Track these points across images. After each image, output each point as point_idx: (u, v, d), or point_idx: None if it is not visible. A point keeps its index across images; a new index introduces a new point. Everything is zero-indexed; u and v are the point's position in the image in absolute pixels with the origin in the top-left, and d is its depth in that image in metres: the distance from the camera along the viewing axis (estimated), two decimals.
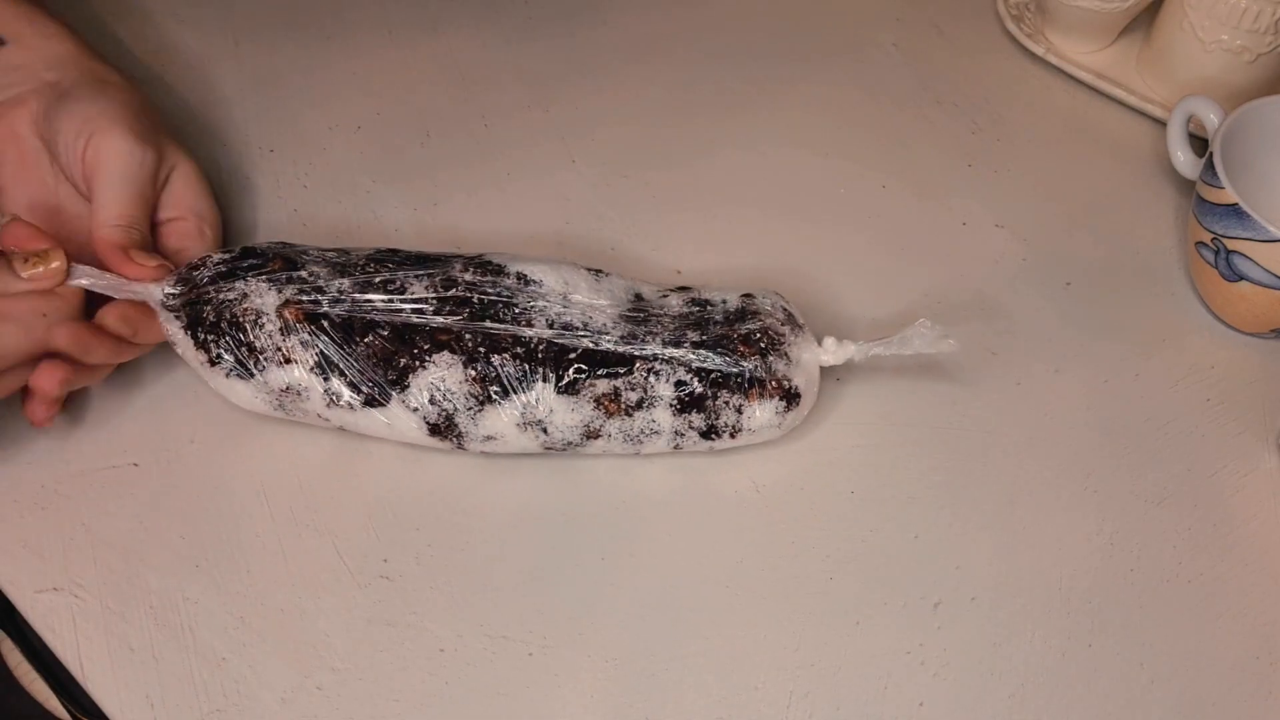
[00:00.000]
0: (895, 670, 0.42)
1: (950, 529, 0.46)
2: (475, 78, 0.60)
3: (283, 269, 0.43)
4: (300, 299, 0.42)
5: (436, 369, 0.41)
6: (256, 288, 0.42)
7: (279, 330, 0.42)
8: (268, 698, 0.40)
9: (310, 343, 0.42)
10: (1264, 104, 0.52)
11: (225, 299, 0.42)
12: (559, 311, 0.43)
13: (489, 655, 0.41)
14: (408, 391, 0.42)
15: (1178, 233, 0.57)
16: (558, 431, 0.43)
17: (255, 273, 0.43)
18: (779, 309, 0.45)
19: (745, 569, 0.44)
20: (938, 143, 0.60)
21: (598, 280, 0.44)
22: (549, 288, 0.43)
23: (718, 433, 0.44)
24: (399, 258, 0.44)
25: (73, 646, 0.40)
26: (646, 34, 0.63)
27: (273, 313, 0.42)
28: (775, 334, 0.44)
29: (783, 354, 0.43)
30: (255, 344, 0.42)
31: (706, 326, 0.43)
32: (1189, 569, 0.46)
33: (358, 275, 0.43)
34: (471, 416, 0.42)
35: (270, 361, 0.42)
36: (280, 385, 0.42)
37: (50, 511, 0.43)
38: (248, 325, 0.42)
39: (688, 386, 0.42)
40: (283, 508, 0.44)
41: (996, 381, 0.50)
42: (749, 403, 0.43)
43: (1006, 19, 0.65)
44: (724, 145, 0.58)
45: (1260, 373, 0.52)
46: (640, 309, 0.44)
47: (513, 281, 0.43)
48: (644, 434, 0.43)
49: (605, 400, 0.42)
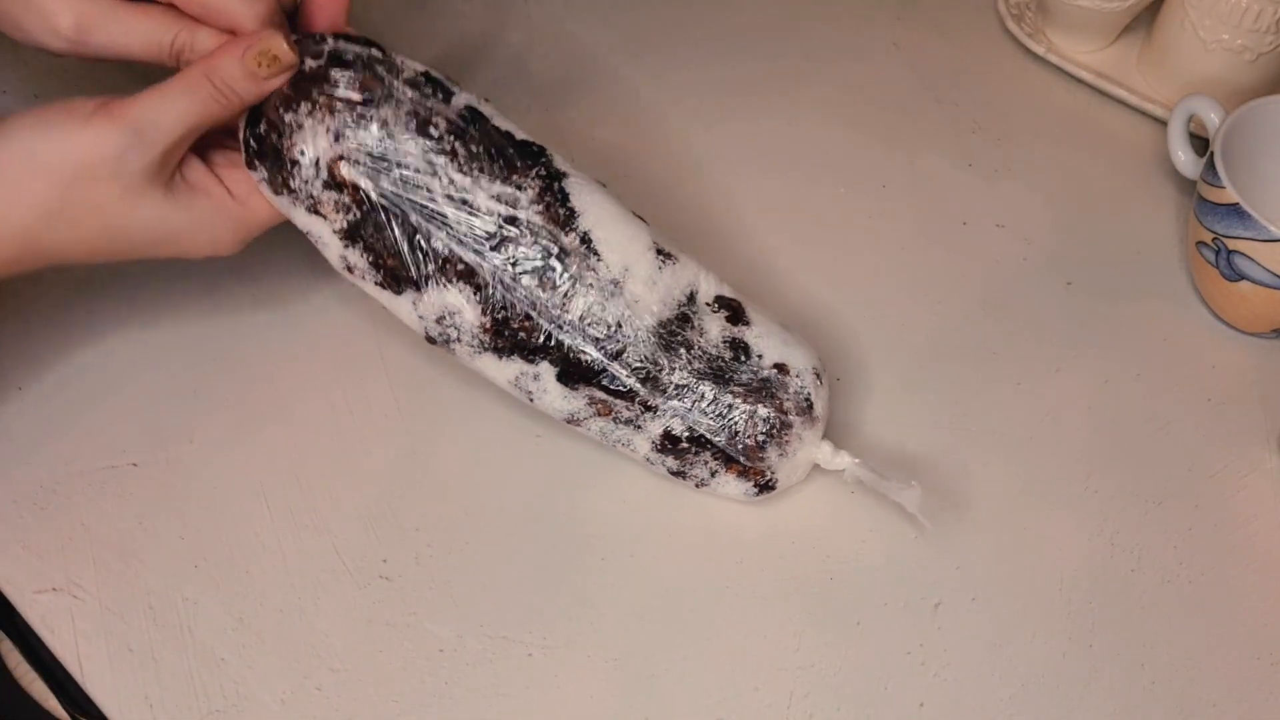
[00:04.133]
0: (895, 671, 0.42)
1: (950, 529, 0.46)
2: (475, 77, 0.60)
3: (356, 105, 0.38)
4: (356, 160, 0.38)
5: (455, 296, 0.39)
6: (315, 127, 0.38)
7: (321, 182, 0.39)
8: (267, 698, 0.40)
9: (346, 207, 0.39)
10: (1265, 103, 0.52)
11: (279, 121, 0.39)
12: (600, 301, 0.40)
13: (489, 655, 0.41)
14: (421, 298, 0.40)
15: (1178, 233, 0.57)
16: (543, 406, 0.42)
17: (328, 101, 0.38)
18: (804, 396, 0.43)
19: (745, 569, 0.44)
20: (938, 143, 0.60)
21: (659, 269, 0.41)
22: (606, 266, 0.40)
23: (685, 478, 0.44)
24: (485, 133, 0.40)
25: (71, 647, 0.40)
26: (646, 34, 0.63)
27: (323, 162, 0.38)
28: (785, 427, 0.42)
29: (782, 446, 0.43)
30: (291, 183, 0.39)
31: (725, 384, 0.42)
32: (1189, 569, 0.46)
33: (430, 145, 0.39)
34: (470, 353, 0.41)
35: (299, 203, 0.39)
36: (302, 227, 0.40)
37: (50, 511, 0.43)
38: (289, 161, 0.39)
39: (674, 437, 0.42)
40: (282, 508, 0.44)
41: (996, 381, 0.50)
42: (725, 473, 0.43)
43: (1007, 18, 0.65)
44: (724, 144, 0.58)
45: (1260, 373, 0.52)
46: (681, 321, 0.42)
47: (574, 242, 0.40)
48: (619, 444, 0.43)
49: (599, 404, 0.42)
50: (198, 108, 0.38)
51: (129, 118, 0.37)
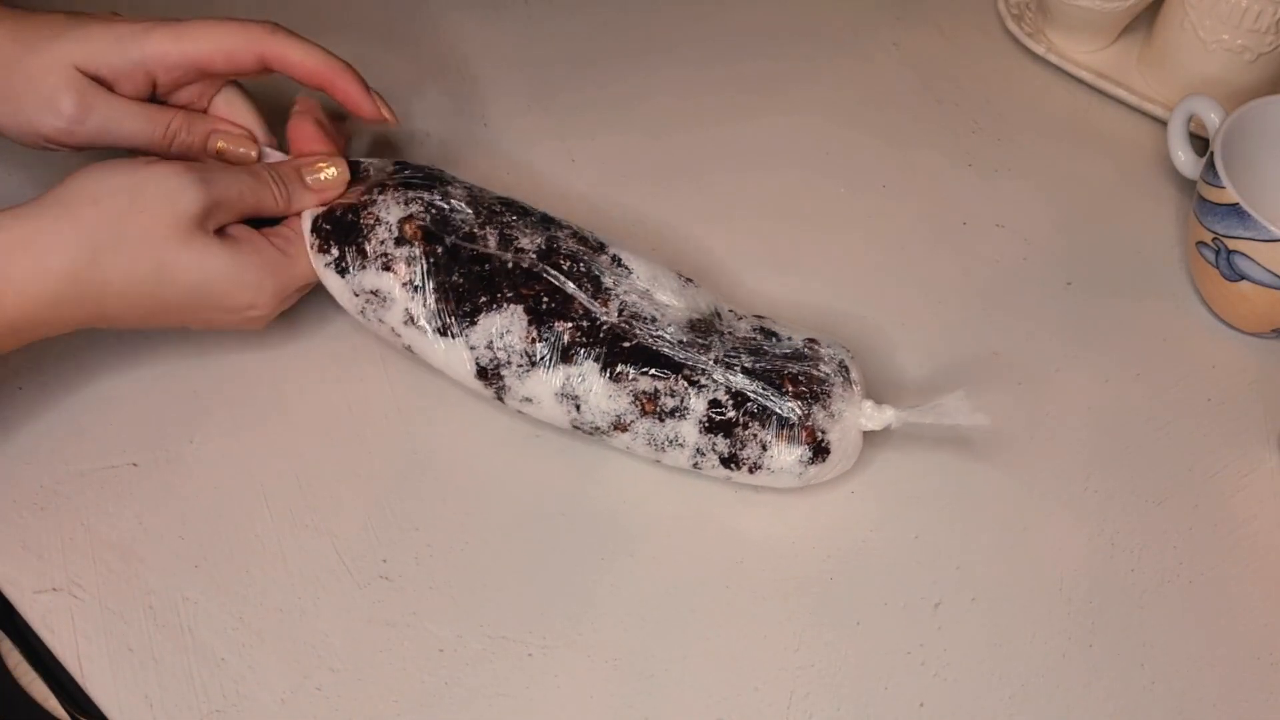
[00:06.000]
0: (896, 670, 0.42)
1: (950, 529, 0.46)
2: (475, 76, 0.60)
3: (424, 186, 0.45)
4: (424, 217, 0.44)
5: (506, 317, 0.42)
6: (387, 201, 0.44)
7: (393, 240, 0.43)
8: (267, 698, 0.40)
9: (415, 259, 0.43)
10: (1265, 103, 0.52)
11: (354, 201, 0.44)
12: (634, 300, 0.44)
13: (489, 655, 0.41)
14: (473, 330, 0.43)
15: (1178, 233, 0.57)
16: (590, 413, 0.43)
17: (400, 185, 0.45)
18: (836, 361, 0.44)
19: (745, 569, 0.44)
20: (938, 143, 0.60)
21: (683, 286, 0.45)
22: (636, 276, 0.44)
23: (738, 463, 0.43)
24: (523, 209, 0.46)
25: (72, 647, 0.40)
26: (646, 34, 0.63)
27: (395, 222, 0.43)
28: (824, 383, 0.43)
29: (826, 406, 0.43)
30: (365, 248, 0.43)
31: (762, 355, 0.43)
32: (1189, 569, 0.46)
33: (482, 212, 0.45)
34: (518, 374, 0.43)
35: (371, 265, 0.43)
36: (370, 288, 0.43)
37: (50, 511, 0.43)
38: (365, 228, 0.44)
39: (721, 407, 0.42)
40: (282, 508, 0.44)
41: (996, 381, 0.50)
42: (776, 442, 0.42)
43: (1007, 18, 0.65)
44: (724, 144, 0.58)
45: (1260, 373, 0.52)
46: (705, 321, 0.44)
47: (607, 260, 0.45)
48: (668, 442, 0.43)
49: (643, 398, 0.42)
50: (256, 189, 0.43)
51: (194, 167, 0.41)
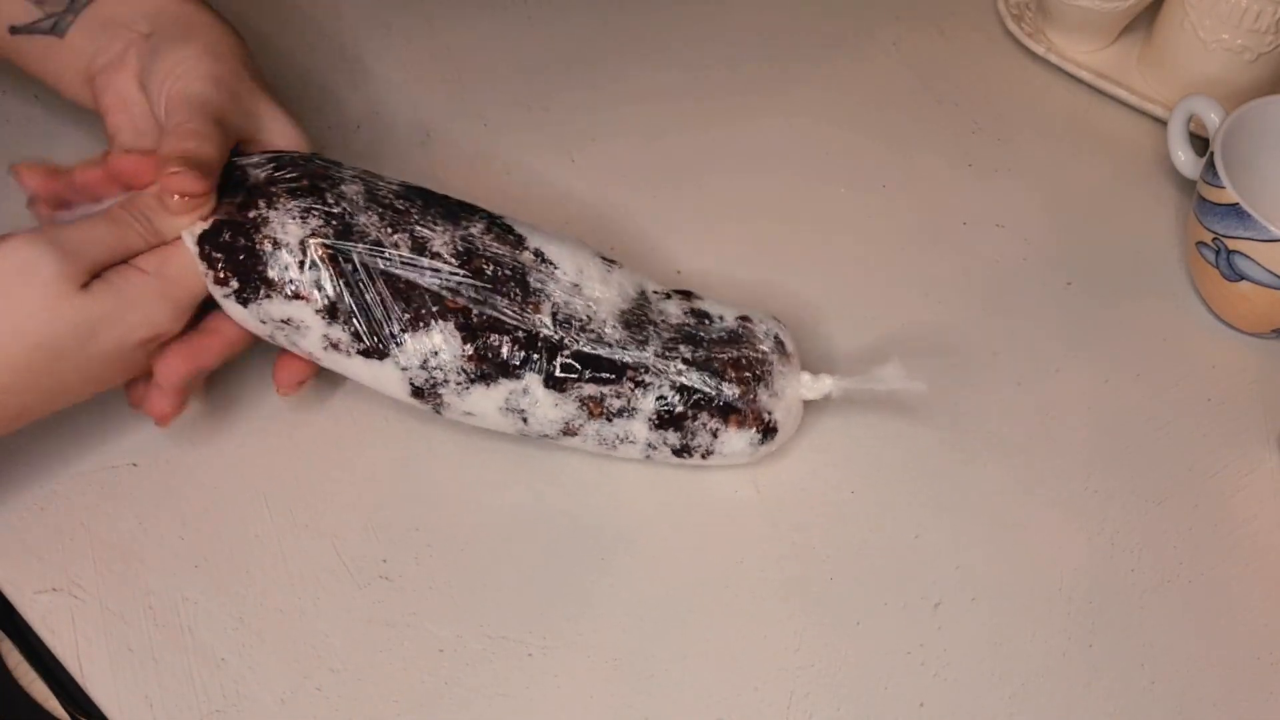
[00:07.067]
0: (896, 670, 0.42)
1: (950, 529, 0.46)
2: (475, 76, 0.60)
3: (310, 191, 0.41)
4: (327, 233, 0.40)
5: (436, 336, 0.41)
6: (280, 217, 0.40)
7: (297, 264, 0.40)
8: (267, 698, 0.40)
9: (325, 283, 0.40)
10: (1265, 103, 0.52)
11: (244, 219, 0.40)
12: (565, 300, 0.42)
13: (489, 655, 0.41)
14: (402, 349, 0.41)
15: (1178, 233, 0.57)
16: (537, 424, 0.42)
17: (285, 193, 0.41)
18: (772, 336, 0.45)
19: (745, 569, 0.44)
20: (938, 142, 0.60)
21: (609, 271, 0.44)
22: (563, 272, 0.43)
23: (690, 452, 0.44)
24: (426, 198, 0.43)
25: (72, 647, 0.40)
26: (645, 33, 0.63)
27: (295, 244, 0.40)
28: (764, 363, 0.43)
29: (768, 385, 0.43)
30: (269, 275, 0.40)
31: (700, 343, 0.43)
32: (1189, 569, 0.46)
33: (385, 213, 0.42)
34: (457, 391, 0.42)
35: (278, 294, 0.40)
36: (280, 317, 0.41)
37: (50, 512, 0.43)
38: (263, 254, 0.40)
39: (669, 404, 0.42)
40: (282, 508, 0.44)
41: (996, 381, 0.50)
42: (726, 429, 0.43)
43: (1007, 18, 0.65)
44: (724, 145, 0.58)
45: (1260, 373, 0.52)
46: (641, 309, 0.44)
47: (530, 257, 0.43)
48: (619, 440, 0.43)
49: (589, 402, 0.42)
50: (116, 233, 0.40)
51: (48, 234, 0.38)
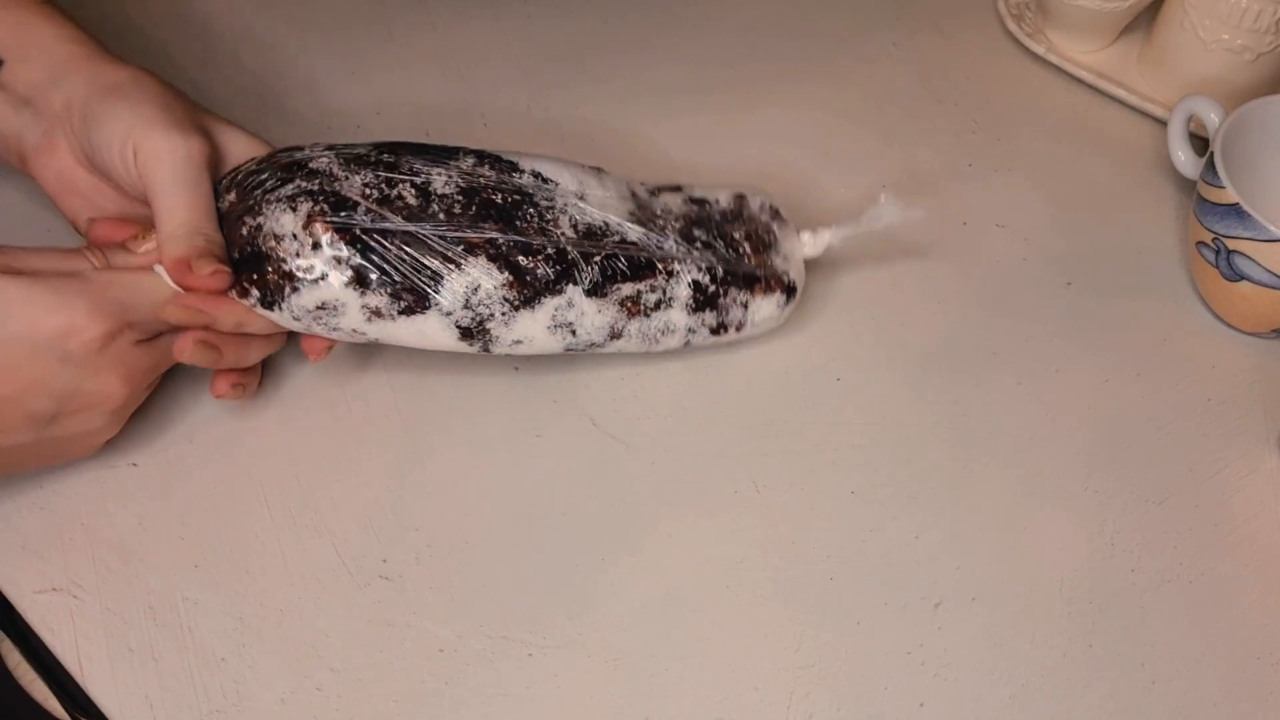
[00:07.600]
0: (896, 670, 0.42)
1: (950, 529, 0.46)
2: (475, 76, 0.60)
3: (286, 180, 0.41)
4: (324, 210, 0.40)
5: (472, 272, 0.41)
6: (270, 215, 0.40)
7: (310, 247, 0.40)
8: (267, 698, 0.40)
9: (345, 258, 0.40)
10: (1265, 103, 0.52)
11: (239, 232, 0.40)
12: (579, 210, 0.43)
13: (489, 655, 0.41)
14: (442, 294, 0.41)
15: (1178, 233, 0.57)
16: (585, 333, 0.44)
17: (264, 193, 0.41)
18: (767, 206, 0.48)
19: (745, 569, 0.44)
20: (938, 142, 0.60)
21: (599, 177, 0.45)
22: (564, 187, 0.44)
23: (725, 328, 0.47)
24: (407, 148, 0.43)
25: (72, 647, 0.40)
26: (646, 33, 0.63)
27: (297, 230, 0.40)
28: (769, 231, 0.47)
29: (778, 249, 0.47)
30: (285, 269, 0.40)
31: (709, 224, 0.46)
32: (1189, 569, 0.46)
33: (376, 170, 0.41)
34: (504, 321, 0.42)
35: (303, 284, 0.40)
36: (313, 305, 0.41)
37: (49, 511, 0.43)
38: (270, 253, 0.40)
39: (702, 286, 0.45)
40: (282, 508, 0.44)
41: (996, 381, 0.50)
42: (755, 299, 0.46)
43: (1006, 18, 0.65)
44: (723, 144, 0.58)
45: (1260, 373, 0.52)
46: (645, 207, 0.45)
47: (529, 179, 0.43)
48: (660, 333, 0.45)
49: (629, 303, 0.44)
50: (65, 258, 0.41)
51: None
